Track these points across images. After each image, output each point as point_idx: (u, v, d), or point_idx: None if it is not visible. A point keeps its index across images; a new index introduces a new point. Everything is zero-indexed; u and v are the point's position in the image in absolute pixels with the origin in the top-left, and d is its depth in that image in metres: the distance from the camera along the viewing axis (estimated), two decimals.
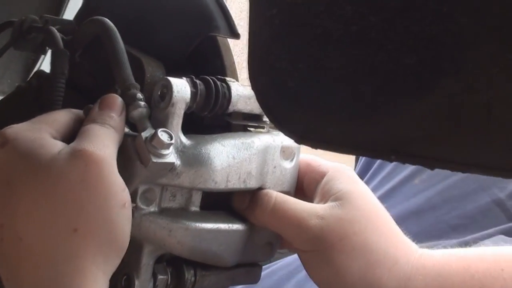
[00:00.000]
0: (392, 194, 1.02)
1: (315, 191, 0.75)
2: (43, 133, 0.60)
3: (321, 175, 0.75)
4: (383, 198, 0.93)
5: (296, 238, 0.71)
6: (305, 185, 0.77)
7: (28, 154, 0.58)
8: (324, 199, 0.73)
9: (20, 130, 0.60)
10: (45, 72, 0.83)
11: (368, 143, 0.34)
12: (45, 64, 1.34)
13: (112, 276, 0.59)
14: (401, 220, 0.75)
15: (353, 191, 0.72)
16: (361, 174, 1.11)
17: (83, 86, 0.80)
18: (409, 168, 1.02)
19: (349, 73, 0.33)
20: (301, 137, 0.36)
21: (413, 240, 0.74)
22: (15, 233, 0.57)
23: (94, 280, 0.57)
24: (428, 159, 0.34)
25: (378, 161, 1.11)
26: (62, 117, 0.64)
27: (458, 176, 0.96)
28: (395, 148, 0.34)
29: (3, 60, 0.87)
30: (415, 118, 0.33)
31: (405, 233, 0.74)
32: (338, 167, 0.76)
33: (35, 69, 1.35)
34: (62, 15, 1.37)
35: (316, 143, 0.36)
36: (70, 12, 1.34)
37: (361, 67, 0.33)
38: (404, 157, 0.34)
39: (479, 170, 0.34)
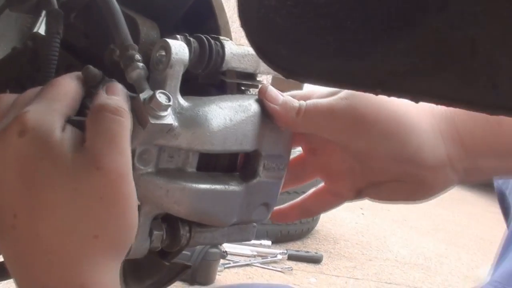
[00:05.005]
0: None
1: None
2: (58, 119, 0.58)
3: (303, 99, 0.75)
4: None
5: (331, 128, 0.74)
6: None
7: (48, 152, 0.57)
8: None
9: (38, 117, 0.58)
10: (40, 34, 0.83)
11: (354, 78, 0.35)
12: (40, 31, 1.34)
13: None
14: None
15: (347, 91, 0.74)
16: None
17: (77, 46, 0.81)
18: None
19: (335, 9, 0.34)
20: (289, 73, 0.37)
21: None
22: (32, 228, 0.56)
23: (109, 280, 0.59)
24: (413, 92, 0.34)
25: None
26: (71, 88, 0.62)
27: None
28: (381, 82, 0.34)
29: None
30: (399, 54, 0.34)
31: None
32: (308, 92, 0.77)
33: None
34: None
35: (304, 78, 0.36)
36: None
37: (347, 3, 0.34)
38: (389, 91, 0.34)
39: (463, 105, 0.34)
